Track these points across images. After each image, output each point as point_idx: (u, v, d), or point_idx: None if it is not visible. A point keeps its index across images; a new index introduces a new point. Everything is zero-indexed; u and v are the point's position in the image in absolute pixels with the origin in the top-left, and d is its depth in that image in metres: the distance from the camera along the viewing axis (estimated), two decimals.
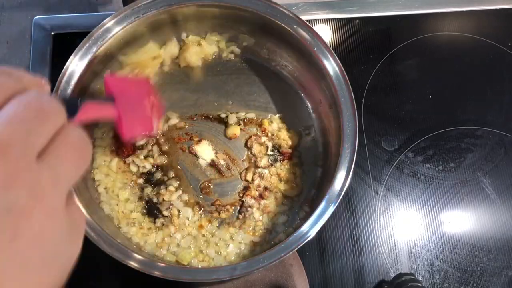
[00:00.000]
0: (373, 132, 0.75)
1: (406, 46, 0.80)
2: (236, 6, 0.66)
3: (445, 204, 0.73)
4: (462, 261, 0.70)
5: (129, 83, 0.62)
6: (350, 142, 0.60)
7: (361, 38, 0.80)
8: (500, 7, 0.83)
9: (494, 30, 0.82)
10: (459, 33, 0.82)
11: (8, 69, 0.30)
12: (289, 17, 0.65)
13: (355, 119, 0.61)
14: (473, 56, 0.81)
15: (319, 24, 0.81)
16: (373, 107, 0.77)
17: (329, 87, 0.64)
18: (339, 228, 0.70)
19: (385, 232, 0.70)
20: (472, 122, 0.77)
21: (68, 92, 0.61)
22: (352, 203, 0.72)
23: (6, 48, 0.83)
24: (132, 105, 0.56)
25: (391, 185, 0.73)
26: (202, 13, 0.69)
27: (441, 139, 0.76)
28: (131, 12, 0.64)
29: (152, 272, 0.55)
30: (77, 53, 0.62)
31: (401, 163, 0.74)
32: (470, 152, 0.76)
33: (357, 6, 0.82)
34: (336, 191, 0.58)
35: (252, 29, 0.71)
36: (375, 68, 0.78)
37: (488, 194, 0.73)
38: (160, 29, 0.70)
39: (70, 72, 0.61)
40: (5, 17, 0.84)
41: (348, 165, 0.59)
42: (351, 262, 0.69)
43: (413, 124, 0.76)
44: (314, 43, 0.64)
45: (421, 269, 0.69)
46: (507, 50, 0.81)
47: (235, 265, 0.55)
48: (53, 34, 0.78)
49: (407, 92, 0.78)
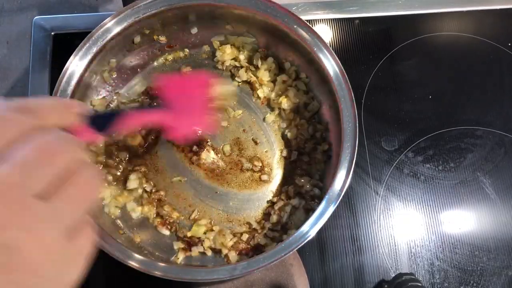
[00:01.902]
0: (373, 132, 0.75)
1: (406, 46, 0.80)
2: (236, 6, 0.66)
3: (445, 204, 0.73)
4: (462, 261, 0.70)
5: (184, 80, 0.62)
6: (350, 142, 0.60)
7: (361, 38, 0.80)
8: (500, 7, 0.83)
9: (494, 30, 0.82)
10: (459, 33, 0.82)
11: (33, 101, 0.30)
12: (289, 17, 0.65)
13: (355, 119, 0.61)
14: (473, 56, 0.81)
15: (319, 24, 0.81)
16: (373, 107, 0.77)
17: (329, 87, 0.64)
18: (339, 227, 0.70)
19: (385, 232, 0.70)
20: (472, 122, 0.77)
21: (68, 93, 0.61)
22: (352, 203, 0.72)
23: (6, 48, 0.83)
24: (187, 103, 0.56)
25: (391, 185, 0.73)
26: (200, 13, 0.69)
27: (441, 139, 0.76)
28: (131, 12, 0.64)
29: (152, 272, 0.55)
30: (77, 53, 0.62)
31: (401, 163, 0.74)
32: (470, 152, 0.76)
33: (357, 6, 0.82)
34: (336, 191, 0.58)
35: (252, 29, 0.71)
36: (375, 68, 0.78)
37: (488, 194, 0.73)
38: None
39: (70, 72, 0.62)
40: (5, 18, 0.84)
41: (348, 165, 0.59)
42: (351, 261, 0.69)
43: (413, 124, 0.76)
44: (314, 43, 0.64)
45: (421, 269, 0.69)
46: (507, 50, 0.81)
47: (235, 265, 0.56)
48: (53, 34, 0.78)
49: (407, 92, 0.78)
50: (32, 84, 0.74)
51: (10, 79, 0.81)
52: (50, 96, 0.61)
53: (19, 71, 0.81)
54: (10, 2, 0.85)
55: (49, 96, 0.64)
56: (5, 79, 0.81)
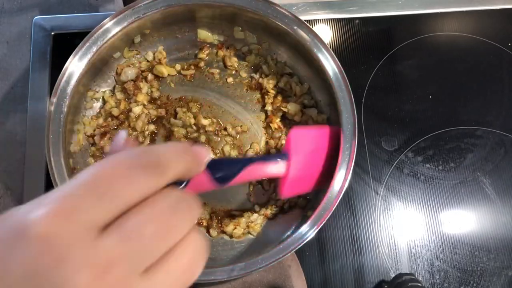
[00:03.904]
0: (373, 132, 0.75)
1: (406, 46, 0.80)
2: (236, 6, 0.66)
3: (445, 204, 0.73)
4: (462, 261, 0.70)
5: (312, 135, 0.58)
6: (350, 142, 0.60)
7: (361, 38, 0.80)
8: (500, 7, 0.83)
9: (494, 30, 0.82)
10: (459, 33, 0.82)
11: (157, 149, 0.26)
12: (289, 18, 0.65)
13: (354, 119, 0.61)
14: (473, 56, 0.81)
15: (319, 24, 0.81)
16: (373, 107, 0.76)
17: (328, 87, 0.64)
18: (339, 228, 0.70)
19: (385, 232, 0.70)
20: (472, 122, 0.77)
21: (67, 92, 0.61)
22: (352, 203, 0.72)
23: (6, 48, 0.83)
24: (307, 161, 0.52)
25: (391, 185, 0.73)
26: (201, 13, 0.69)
27: (441, 139, 0.76)
28: (131, 12, 0.64)
29: None
30: (77, 53, 0.62)
31: (401, 163, 0.74)
32: (470, 152, 0.76)
33: (357, 6, 0.82)
34: (336, 191, 0.58)
35: (252, 29, 0.71)
36: (375, 68, 0.78)
37: (488, 194, 0.73)
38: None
39: (70, 72, 0.61)
40: (5, 17, 0.84)
41: (348, 165, 0.59)
42: (351, 262, 0.69)
43: (413, 124, 0.76)
44: (313, 43, 0.64)
45: (421, 269, 0.69)
46: (507, 50, 0.81)
47: (233, 266, 0.55)
48: (53, 34, 0.78)
49: (407, 92, 0.78)
50: (32, 84, 0.75)
51: (10, 79, 0.81)
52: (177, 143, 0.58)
53: (19, 71, 0.81)
54: (10, 2, 0.85)
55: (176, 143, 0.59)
56: (5, 79, 0.81)
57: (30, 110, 0.73)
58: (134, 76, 0.70)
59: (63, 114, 0.60)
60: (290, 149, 0.53)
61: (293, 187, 0.55)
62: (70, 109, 0.62)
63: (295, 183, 0.54)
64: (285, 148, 0.55)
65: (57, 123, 0.60)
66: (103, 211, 0.23)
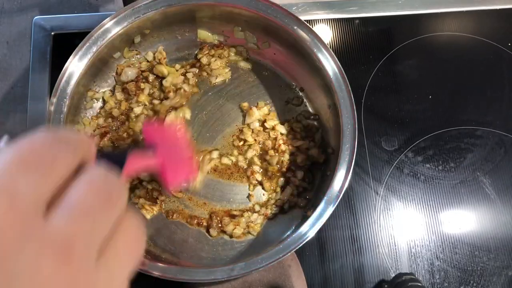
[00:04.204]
0: (373, 132, 0.75)
1: (406, 46, 0.80)
2: (236, 6, 0.66)
3: (445, 204, 0.73)
4: (462, 261, 0.70)
5: (166, 129, 0.62)
6: (350, 142, 0.60)
7: (361, 38, 0.80)
8: (500, 7, 0.83)
9: (494, 30, 0.82)
10: (459, 33, 0.82)
11: (66, 134, 0.25)
12: (289, 18, 0.65)
13: (354, 119, 0.61)
14: (473, 56, 0.81)
15: (319, 24, 0.81)
16: (373, 107, 0.76)
17: (328, 87, 0.64)
18: (339, 228, 0.70)
19: (385, 232, 0.70)
20: (472, 122, 0.77)
21: (67, 92, 0.61)
22: (352, 203, 0.72)
23: (6, 48, 0.83)
24: (173, 152, 0.55)
25: (391, 185, 0.73)
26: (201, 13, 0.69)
27: (441, 139, 0.76)
28: (131, 12, 0.64)
29: (151, 272, 0.55)
30: (77, 53, 0.62)
31: (401, 163, 0.74)
32: (470, 152, 0.76)
33: (357, 6, 0.82)
34: (336, 192, 0.58)
35: (252, 29, 0.71)
36: (375, 68, 0.78)
37: (488, 194, 0.73)
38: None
39: (69, 72, 0.62)
40: (5, 18, 0.84)
41: (348, 165, 0.59)
42: (351, 262, 0.69)
43: (413, 124, 0.76)
44: (313, 44, 0.64)
45: (421, 269, 0.69)
46: (507, 50, 0.81)
47: (233, 266, 0.55)
48: (53, 34, 0.78)
49: (407, 92, 0.78)
50: (32, 84, 0.74)
51: (10, 79, 0.81)
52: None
53: (19, 71, 0.81)
54: (10, 2, 0.85)
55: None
56: (5, 79, 0.81)
57: (30, 110, 0.73)
58: (134, 76, 0.70)
59: (63, 114, 0.60)
60: (153, 142, 0.54)
61: (173, 176, 0.55)
62: (70, 109, 0.62)
63: (172, 172, 0.54)
64: (147, 142, 0.56)
65: (57, 123, 0.60)
66: (45, 187, 0.21)
